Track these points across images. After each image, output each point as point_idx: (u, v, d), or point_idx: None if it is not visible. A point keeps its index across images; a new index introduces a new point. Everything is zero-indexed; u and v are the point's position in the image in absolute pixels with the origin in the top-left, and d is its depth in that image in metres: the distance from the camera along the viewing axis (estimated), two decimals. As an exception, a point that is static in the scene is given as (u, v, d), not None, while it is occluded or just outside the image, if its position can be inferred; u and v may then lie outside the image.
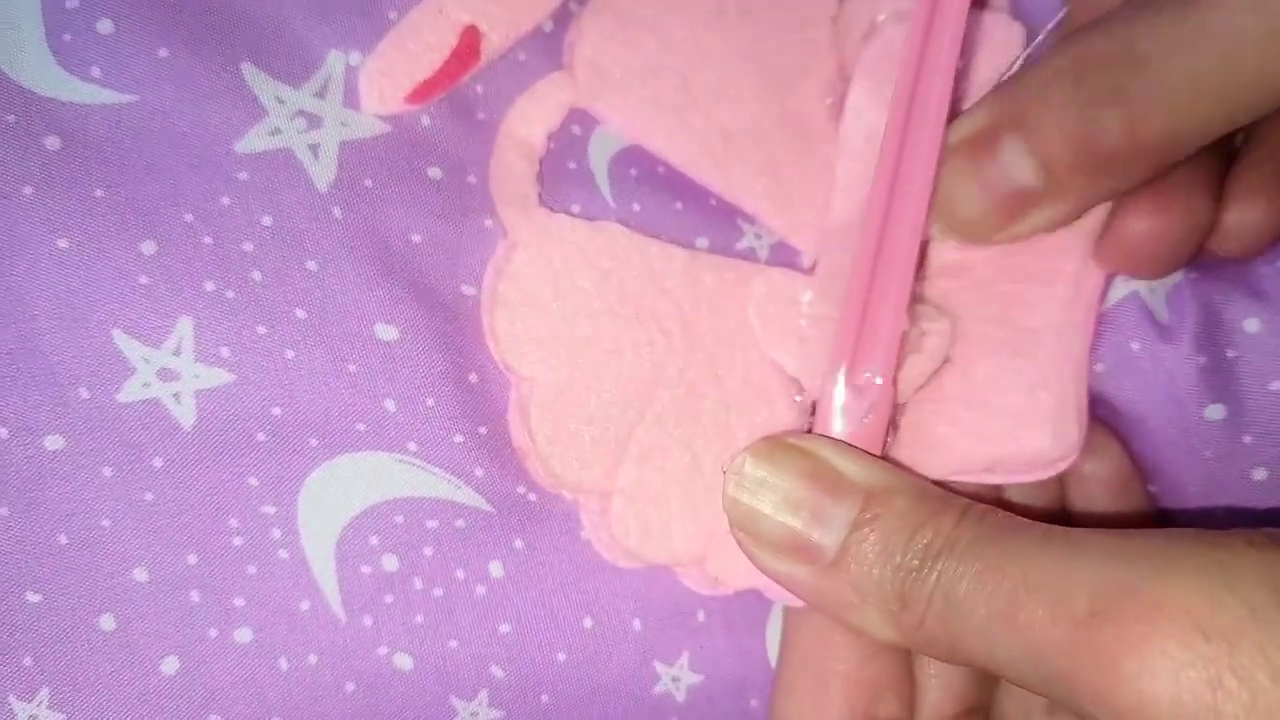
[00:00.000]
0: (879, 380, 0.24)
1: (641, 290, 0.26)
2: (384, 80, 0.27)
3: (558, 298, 0.26)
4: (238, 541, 0.25)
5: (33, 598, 0.25)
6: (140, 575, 0.25)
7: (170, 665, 0.25)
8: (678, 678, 0.28)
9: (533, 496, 0.27)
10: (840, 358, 0.24)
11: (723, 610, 0.28)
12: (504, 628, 0.27)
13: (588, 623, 0.27)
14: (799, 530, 0.22)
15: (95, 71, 0.25)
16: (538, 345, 0.26)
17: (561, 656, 0.27)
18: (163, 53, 0.25)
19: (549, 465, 0.26)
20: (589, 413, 0.26)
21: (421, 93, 0.27)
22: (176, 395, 0.25)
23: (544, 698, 0.27)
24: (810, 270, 0.28)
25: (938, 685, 0.27)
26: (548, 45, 0.28)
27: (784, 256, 0.28)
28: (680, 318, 0.27)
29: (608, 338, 0.26)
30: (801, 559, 0.22)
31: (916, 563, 0.21)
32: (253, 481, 0.25)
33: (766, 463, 0.22)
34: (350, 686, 0.26)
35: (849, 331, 0.24)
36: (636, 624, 0.27)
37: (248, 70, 0.26)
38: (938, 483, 0.23)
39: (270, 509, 0.26)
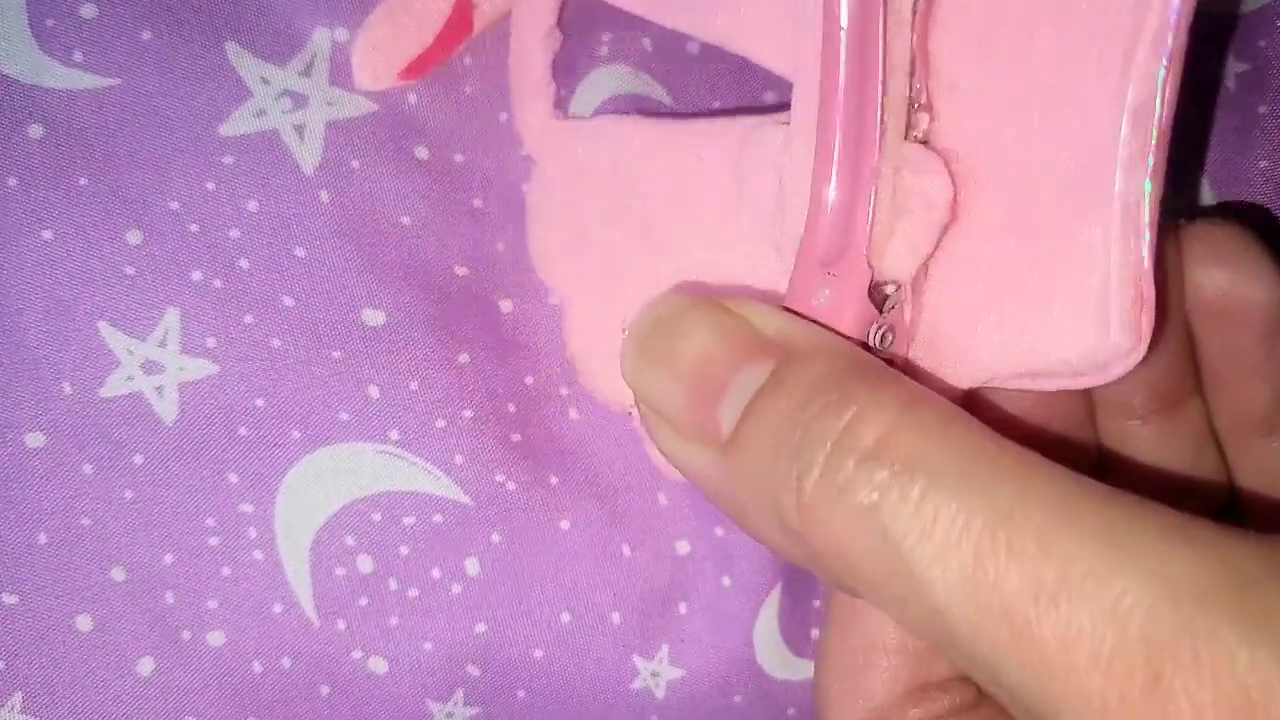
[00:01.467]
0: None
1: (646, 178, 0.23)
2: (377, 55, 0.26)
3: (571, 206, 0.24)
4: (214, 541, 0.24)
5: (9, 599, 0.24)
6: (118, 575, 0.24)
7: (146, 666, 0.24)
8: (657, 673, 0.26)
9: (511, 485, 0.25)
10: (806, 241, 0.19)
11: (706, 603, 0.26)
12: (480, 627, 0.25)
13: (565, 617, 0.26)
14: (701, 403, 0.17)
15: (78, 56, 0.25)
16: (565, 257, 0.24)
17: (539, 653, 0.26)
18: (146, 35, 0.25)
19: (589, 381, 0.24)
20: (618, 322, 0.23)
21: (416, 67, 0.26)
22: (159, 389, 0.24)
23: (520, 693, 0.26)
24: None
25: None
26: None
27: None
28: (681, 198, 0.23)
29: (623, 240, 0.24)
30: (701, 440, 0.17)
31: (822, 451, 0.15)
32: (232, 478, 0.24)
33: (674, 322, 0.18)
34: (325, 690, 0.25)
35: (814, 188, 0.19)
36: (615, 617, 0.26)
37: (232, 50, 0.25)
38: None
39: (248, 508, 0.25)
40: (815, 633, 0.26)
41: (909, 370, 0.20)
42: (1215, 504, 0.22)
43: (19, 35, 0.25)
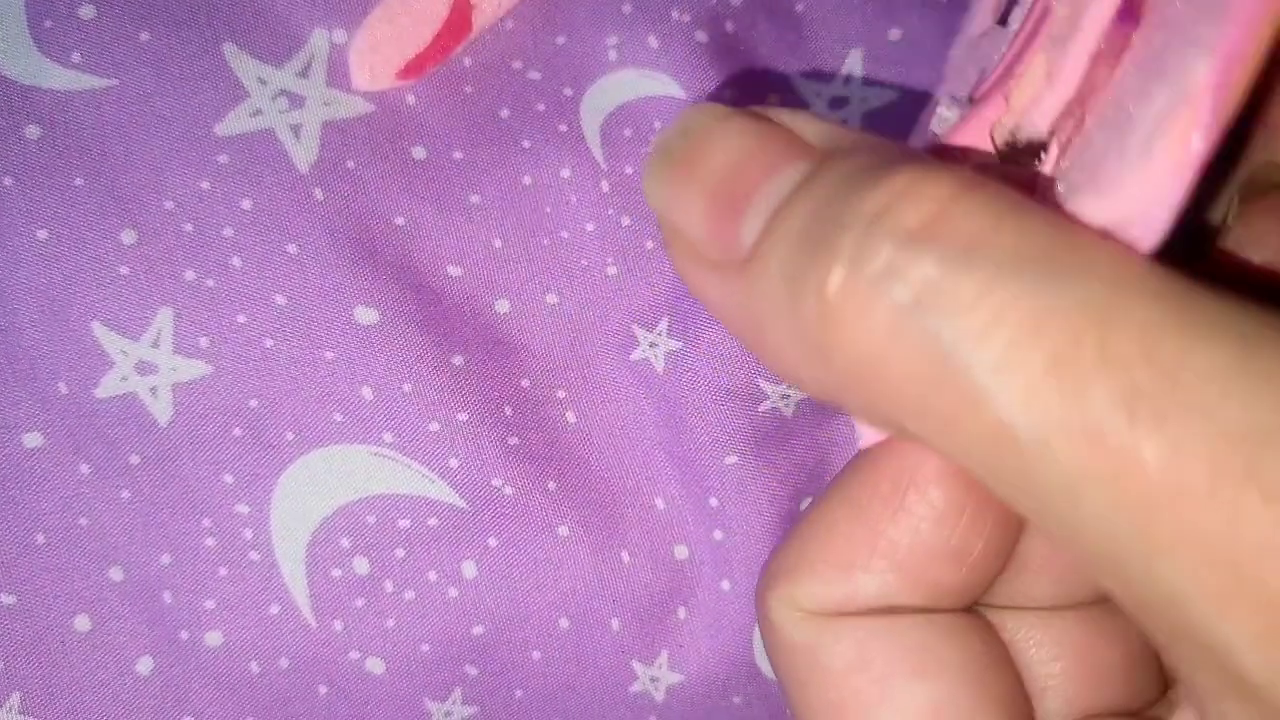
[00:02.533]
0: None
1: None
2: (374, 56, 0.26)
3: None
4: (210, 542, 0.24)
5: (7, 599, 0.24)
6: (116, 575, 0.25)
7: (145, 666, 0.25)
8: (656, 678, 0.26)
9: (509, 490, 0.25)
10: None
11: (706, 608, 0.26)
12: (477, 629, 0.25)
13: (564, 623, 0.25)
14: (726, 217, 0.14)
15: (76, 57, 0.25)
16: None
17: (536, 655, 0.26)
18: (144, 36, 0.25)
19: None
20: None
21: (414, 67, 0.26)
22: (154, 389, 0.24)
23: (518, 693, 0.26)
24: None
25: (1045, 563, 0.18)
26: (537, 14, 0.26)
27: None
28: None
29: None
30: (722, 259, 0.14)
31: (851, 236, 0.12)
32: (228, 479, 0.24)
33: (701, 129, 0.15)
34: (322, 690, 0.25)
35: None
36: (614, 624, 0.26)
37: (229, 51, 0.25)
38: None
39: (244, 508, 0.24)
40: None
41: None
42: None
43: (18, 36, 0.25)
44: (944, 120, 0.17)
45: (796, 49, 0.27)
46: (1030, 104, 0.16)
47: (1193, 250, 0.15)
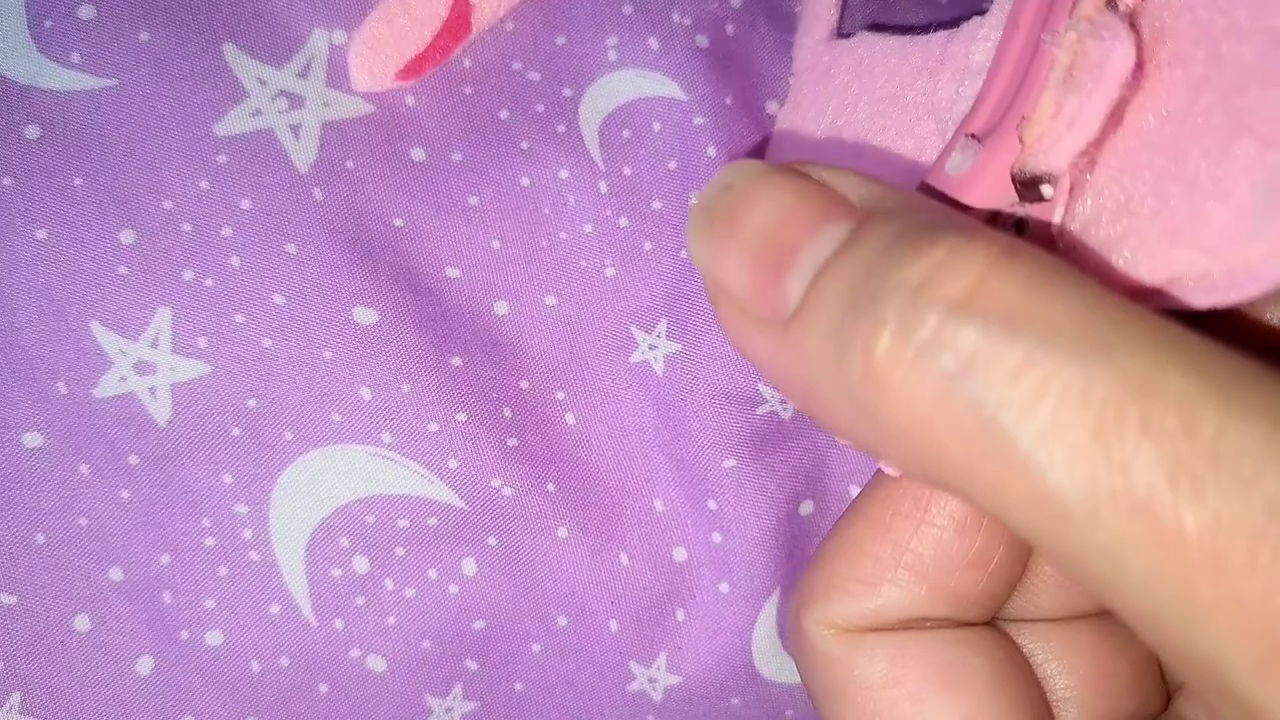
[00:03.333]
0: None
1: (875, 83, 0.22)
2: (374, 57, 0.26)
3: (815, 116, 0.23)
4: (210, 542, 0.24)
5: (7, 599, 0.24)
6: (116, 575, 0.25)
7: (145, 665, 0.25)
8: (654, 679, 0.26)
9: (508, 491, 0.25)
10: (971, 113, 0.17)
11: (704, 610, 0.26)
12: (478, 624, 0.25)
13: (562, 621, 0.26)
14: (768, 276, 0.15)
15: (75, 57, 0.25)
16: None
17: (536, 647, 0.26)
18: (144, 36, 0.25)
19: None
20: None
21: (413, 68, 0.26)
22: (153, 389, 0.24)
23: (518, 686, 0.26)
24: None
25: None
26: (537, 15, 0.26)
27: None
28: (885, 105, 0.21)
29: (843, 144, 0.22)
30: (767, 316, 0.15)
31: (897, 303, 0.13)
32: (227, 479, 0.24)
33: (742, 187, 0.15)
34: (323, 688, 0.25)
35: (990, 81, 0.17)
36: (613, 625, 0.26)
37: (229, 51, 0.25)
38: None
39: (243, 508, 0.25)
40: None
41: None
42: None
43: (17, 37, 0.25)
44: (959, 164, 0.17)
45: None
46: (1041, 143, 0.16)
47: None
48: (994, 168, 0.16)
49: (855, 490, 0.26)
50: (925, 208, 0.14)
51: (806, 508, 0.26)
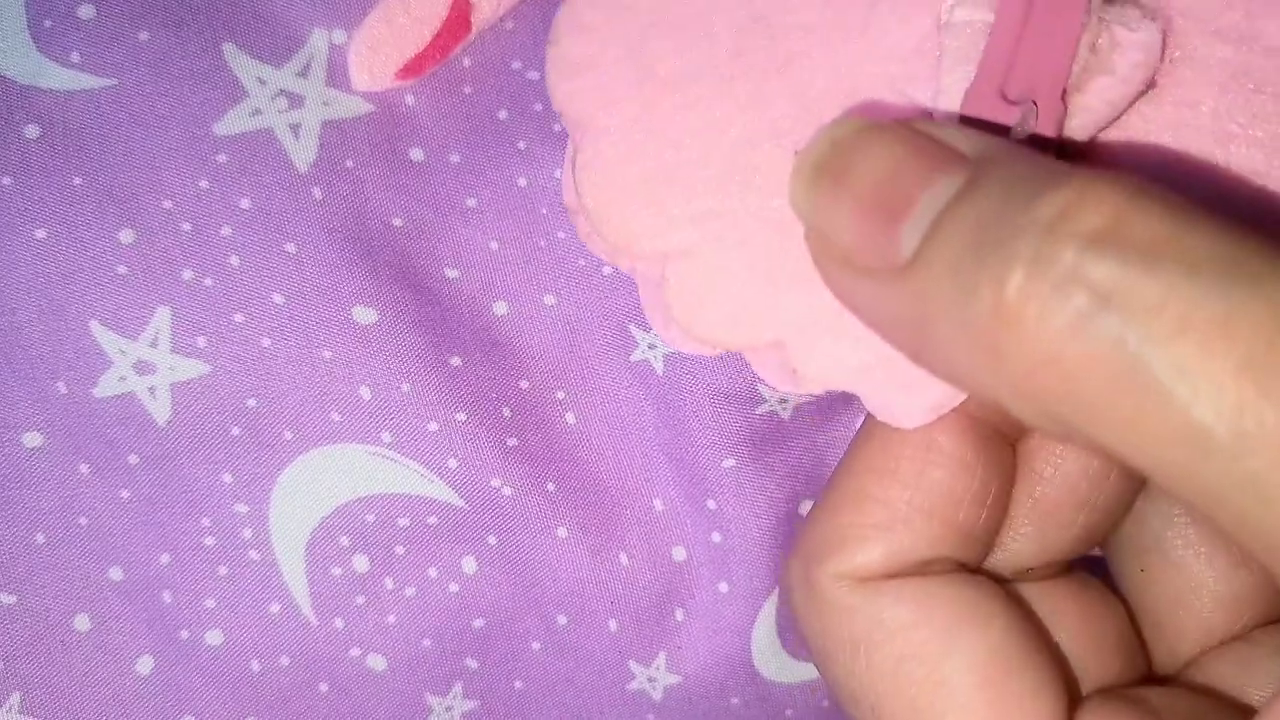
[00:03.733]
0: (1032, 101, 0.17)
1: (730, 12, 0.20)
2: (373, 56, 0.26)
3: (627, 27, 0.20)
4: (209, 542, 0.25)
5: (7, 599, 0.24)
6: (116, 574, 0.25)
7: (145, 665, 0.25)
8: (654, 678, 0.26)
9: (507, 491, 0.25)
10: (988, 67, 0.17)
11: (704, 610, 0.26)
12: (478, 622, 0.25)
13: (562, 620, 0.26)
14: (881, 226, 0.15)
15: (75, 57, 0.25)
16: (598, 86, 0.20)
17: (536, 646, 0.26)
18: (143, 35, 0.25)
19: (599, 227, 0.20)
20: (652, 166, 0.20)
21: (413, 67, 0.26)
22: (152, 389, 0.24)
23: (518, 684, 0.26)
24: None
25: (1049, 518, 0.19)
26: (537, 13, 0.26)
27: None
28: (769, 41, 0.19)
29: (688, 78, 0.19)
30: (879, 264, 0.15)
31: (1030, 240, 0.13)
32: (226, 479, 0.25)
33: (849, 141, 0.16)
34: (323, 687, 0.25)
35: (1003, 34, 0.17)
36: (612, 624, 0.26)
37: (229, 51, 0.25)
38: None
39: (243, 508, 0.25)
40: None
41: None
42: None
43: (17, 36, 0.25)
44: (1023, 129, 0.17)
45: None
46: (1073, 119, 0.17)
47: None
48: (1050, 129, 0.16)
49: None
50: (1035, 155, 0.14)
51: (806, 507, 0.26)
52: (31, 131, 0.24)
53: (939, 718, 0.17)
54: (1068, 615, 0.19)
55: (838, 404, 0.26)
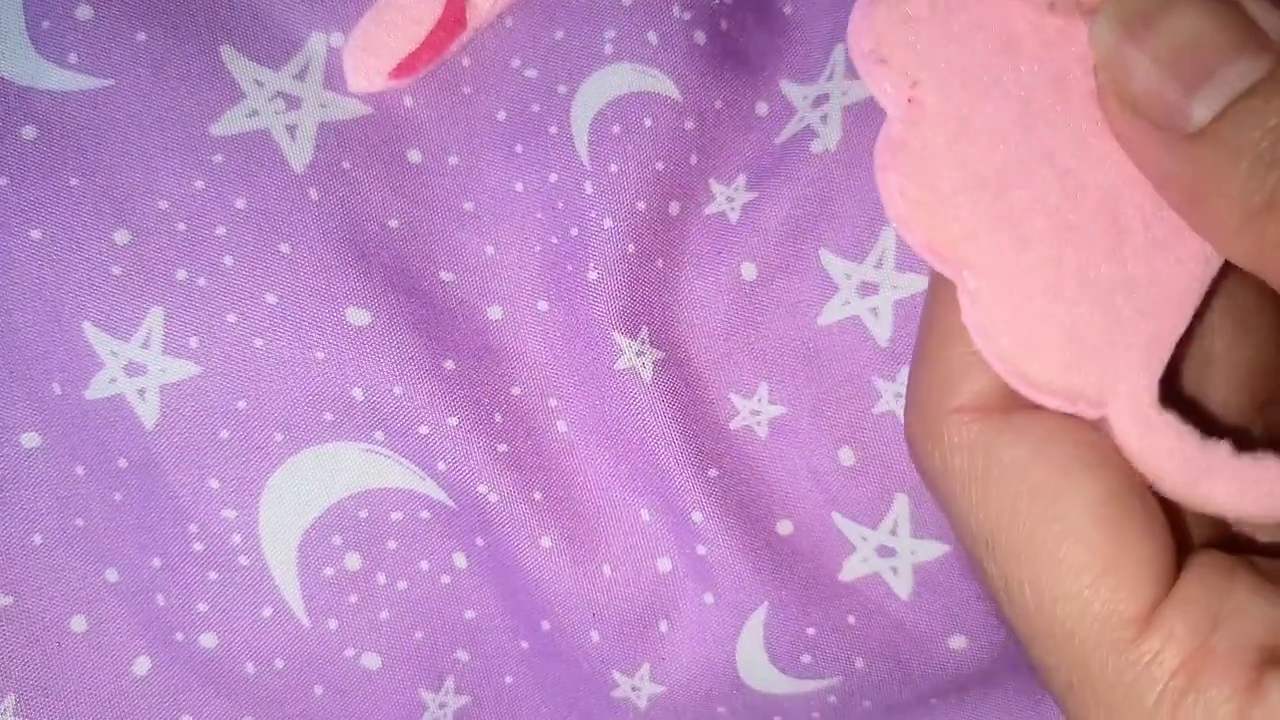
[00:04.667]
0: None
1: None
2: (367, 56, 0.25)
3: (954, 5, 0.18)
4: (198, 547, 0.24)
5: (4, 600, 0.25)
6: (111, 576, 0.25)
7: (142, 666, 0.25)
8: (638, 687, 0.26)
9: (494, 497, 0.25)
10: None
11: (688, 621, 0.25)
12: (469, 614, 0.26)
13: (545, 625, 0.25)
14: (1174, 87, 0.16)
15: (73, 58, 0.25)
16: (923, 52, 0.18)
17: (525, 644, 0.26)
18: (141, 37, 0.25)
19: (924, 225, 0.18)
20: (977, 162, 0.18)
21: (407, 66, 0.26)
22: (141, 391, 0.24)
23: (508, 679, 0.26)
24: None
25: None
26: (537, 9, 0.25)
27: (753, 218, 0.25)
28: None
29: (1014, 76, 0.18)
30: (1164, 121, 0.16)
31: None
32: (214, 484, 0.24)
33: None
34: (319, 690, 0.25)
35: None
36: (594, 635, 0.25)
37: (227, 53, 0.25)
38: None
39: (230, 513, 0.24)
40: (807, 658, 0.25)
41: None
42: None
43: (15, 38, 0.25)
44: None
45: (785, 51, 0.26)
46: None
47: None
48: None
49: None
50: None
51: (785, 528, 0.26)
52: (29, 132, 0.24)
53: (1054, 551, 0.17)
54: None
55: (813, 429, 0.26)
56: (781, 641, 0.25)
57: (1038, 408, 0.18)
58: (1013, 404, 0.18)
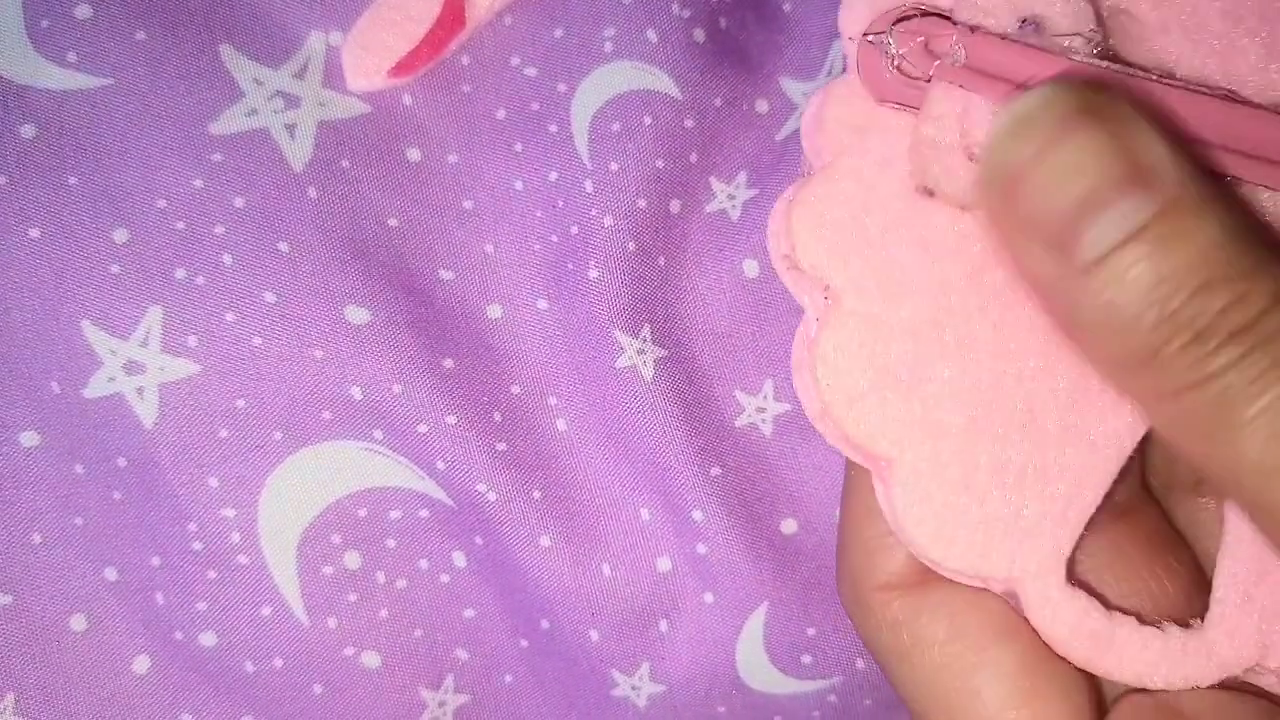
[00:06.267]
0: None
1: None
2: (366, 55, 0.25)
3: (870, 209, 0.19)
4: (197, 546, 0.24)
5: (3, 599, 0.24)
6: (111, 575, 0.25)
7: (142, 664, 0.25)
8: (637, 686, 0.26)
9: (493, 496, 0.25)
10: None
11: (688, 621, 0.25)
12: (468, 612, 0.26)
13: (545, 624, 0.25)
14: (1066, 213, 0.16)
15: (72, 56, 0.25)
16: (838, 256, 0.19)
17: (524, 643, 0.26)
18: (140, 35, 0.25)
19: (838, 423, 0.19)
20: (890, 360, 0.19)
21: (406, 65, 0.25)
22: (140, 390, 0.24)
23: (508, 678, 0.26)
24: None
25: None
26: (537, 7, 0.25)
27: (754, 215, 0.25)
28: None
29: (928, 272, 0.19)
30: (1052, 246, 0.16)
31: (1189, 328, 0.15)
32: (213, 483, 0.24)
33: (1062, 115, 0.16)
34: (318, 689, 0.25)
35: None
36: (594, 635, 0.25)
37: (226, 52, 0.25)
38: None
39: (230, 512, 0.24)
40: (807, 659, 0.25)
41: None
42: None
43: (15, 37, 0.25)
44: None
45: (784, 48, 0.26)
46: None
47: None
48: None
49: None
50: (1217, 218, 0.16)
51: (789, 526, 0.25)
52: (28, 131, 0.24)
53: None
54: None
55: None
56: (782, 642, 0.25)
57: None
58: (932, 576, 0.19)
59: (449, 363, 0.25)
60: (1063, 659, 0.19)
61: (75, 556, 0.25)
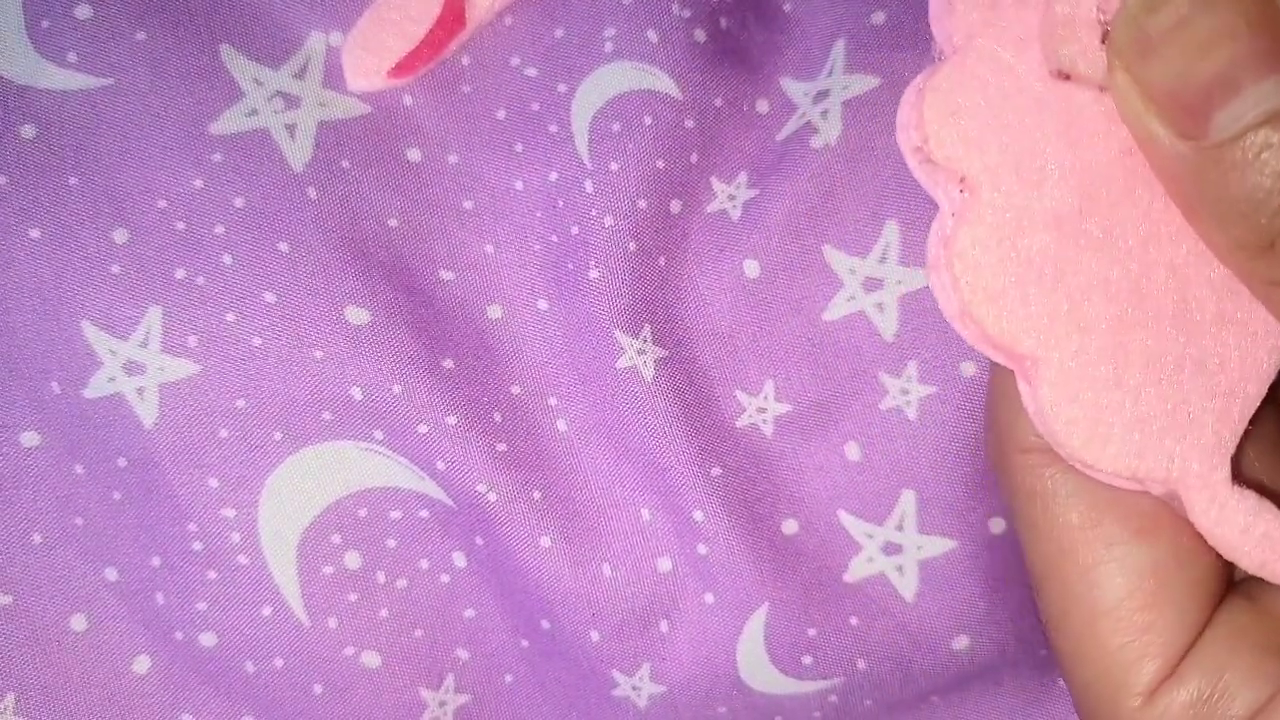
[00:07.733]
0: None
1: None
2: (366, 55, 0.25)
3: (1007, 93, 0.18)
4: (197, 546, 0.24)
5: (3, 599, 0.25)
6: (111, 575, 0.25)
7: (142, 664, 0.25)
8: (638, 687, 0.26)
9: (493, 496, 0.25)
10: None
11: (689, 621, 0.25)
12: (469, 612, 0.26)
13: (545, 624, 0.25)
14: (1200, 87, 0.15)
15: (72, 57, 0.25)
16: (975, 145, 0.18)
17: (525, 643, 0.26)
18: (140, 36, 0.25)
19: (979, 323, 0.18)
20: (1033, 254, 0.18)
21: (406, 65, 0.25)
22: (140, 390, 0.24)
23: (508, 678, 0.26)
24: None
25: None
26: (537, 7, 0.25)
27: (755, 215, 0.25)
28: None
29: (1072, 157, 0.18)
30: (1184, 124, 0.15)
31: None
32: (213, 483, 0.24)
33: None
34: (318, 689, 0.25)
35: None
36: (594, 635, 0.25)
37: (226, 52, 0.25)
38: None
39: (230, 512, 0.24)
40: (808, 659, 0.25)
41: None
42: None
43: (15, 37, 0.25)
44: None
45: (785, 49, 0.26)
46: None
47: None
48: None
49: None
50: None
51: (790, 527, 0.25)
52: (28, 131, 0.24)
53: (1088, 617, 0.18)
54: None
55: (819, 425, 0.25)
56: (782, 642, 0.25)
57: None
58: None
59: (449, 363, 0.25)
60: (1194, 575, 0.18)
61: (75, 556, 0.25)
